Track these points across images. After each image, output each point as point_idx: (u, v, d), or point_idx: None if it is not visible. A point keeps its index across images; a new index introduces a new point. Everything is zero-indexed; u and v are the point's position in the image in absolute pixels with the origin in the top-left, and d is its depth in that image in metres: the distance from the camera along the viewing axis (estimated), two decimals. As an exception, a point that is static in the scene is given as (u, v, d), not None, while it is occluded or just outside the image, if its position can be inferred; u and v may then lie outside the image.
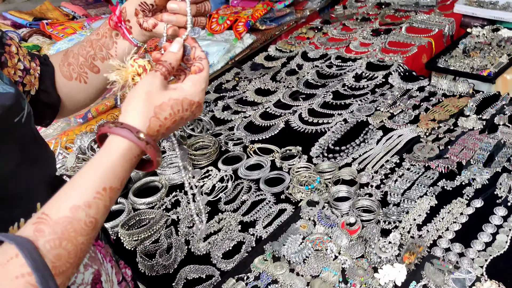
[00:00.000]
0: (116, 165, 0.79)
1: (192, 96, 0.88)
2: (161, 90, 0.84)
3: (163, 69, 0.86)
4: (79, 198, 0.76)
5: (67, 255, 0.72)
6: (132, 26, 1.09)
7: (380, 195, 1.71)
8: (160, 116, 0.83)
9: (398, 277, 1.36)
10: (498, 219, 1.51)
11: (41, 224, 0.72)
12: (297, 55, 2.87)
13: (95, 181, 0.77)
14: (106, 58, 1.12)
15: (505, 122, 1.96)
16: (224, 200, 1.83)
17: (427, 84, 2.34)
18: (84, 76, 1.13)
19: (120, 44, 1.11)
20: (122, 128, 0.79)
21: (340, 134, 2.10)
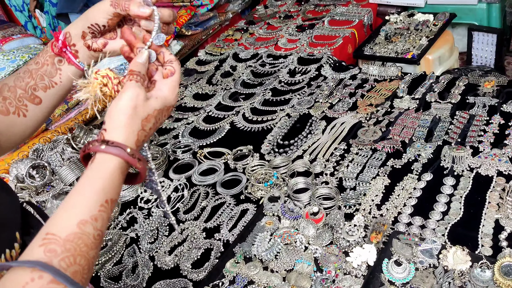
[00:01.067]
0: (114, 178, 0.79)
1: (170, 102, 0.89)
2: (145, 102, 0.84)
3: (141, 79, 0.86)
4: (85, 213, 0.75)
5: (82, 271, 0.72)
6: (78, 50, 1.02)
7: (336, 182, 1.76)
8: (146, 128, 0.85)
9: (370, 257, 1.41)
10: (449, 188, 1.61)
11: (50, 245, 0.70)
12: (229, 57, 2.87)
13: (98, 194, 0.77)
14: (49, 87, 1.04)
15: (436, 99, 2.09)
16: (183, 210, 1.78)
17: (358, 72, 2.44)
18: (23, 109, 1.03)
19: (64, 70, 1.04)
20: (114, 147, 0.79)
21: (286, 128, 2.13)
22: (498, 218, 1.46)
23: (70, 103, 2.44)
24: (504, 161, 1.66)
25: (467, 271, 1.30)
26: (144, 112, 0.84)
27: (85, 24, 1.00)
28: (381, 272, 1.36)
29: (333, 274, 1.39)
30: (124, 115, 0.81)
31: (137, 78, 0.85)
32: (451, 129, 1.88)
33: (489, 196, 1.54)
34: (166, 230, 1.71)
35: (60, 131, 2.30)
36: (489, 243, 1.39)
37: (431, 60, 2.49)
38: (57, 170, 1.90)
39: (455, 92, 2.10)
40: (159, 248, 1.63)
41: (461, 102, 2.04)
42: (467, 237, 1.43)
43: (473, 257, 1.33)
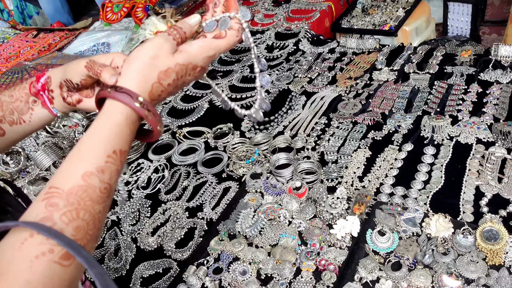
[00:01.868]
0: (122, 127, 0.73)
1: (196, 61, 0.81)
2: (169, 54, 0.78)
3: (177, 35, 0.80)
4: (91, 164, 0.70)
5: (86, 226, 0.67)
6: (55, 97, 0.98)
7: (317, 156, 1.75)
8: (164, 83, 0.78)
9: (353, 228, 1.41)
10: (429, 157, 1.62)
11: (52, 198, 0.65)
12: (205, 35, 2.81)
13: (105, 144, 0.72)
14: (16, 123, 0.99)
15: (414, 70, 2.09)
16: (164, 190, 1.76)
17: (336, 45, 2.42)
18: None
19: (37, 111, 0.99)
20: (121, 93, 0.73)
21: (265, 105, 2.10)
22: (479, 184, 1.48)
23: (43, 86, 2.36)
24: (482, 128, 1.67)
25: (450, 237, 1.32)
26: (164, 64, 0.77)
27: (62, 77, 0.97)
28: (365, 243, 1.36)
29: (317, 247, 1.39)
30: (141, 62, 0.76)
31: (176, 34, 0.79)
32: (430, 99, 1.89)
33: (469, 163, 1.56)
34: (148, 212, 1.68)
35: (33, 115, 2.23)
36: (470, 210, 1.41)
37: (408, 31, 2.48)
38: (32, 155, 1.85)
39: (433, 63, 2.10)
40: (142, 230, 1.61)
41: (439, 72, 2.05)
42: (449, 205, 1.44)
43: (455, 223, 1.34)
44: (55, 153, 1.86)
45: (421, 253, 1.30)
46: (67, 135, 1.94)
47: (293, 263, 1.37)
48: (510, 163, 1.52)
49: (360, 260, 1.31)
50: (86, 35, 3.03)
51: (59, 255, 0.62)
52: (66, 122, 2.02)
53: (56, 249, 0.62)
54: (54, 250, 0.62)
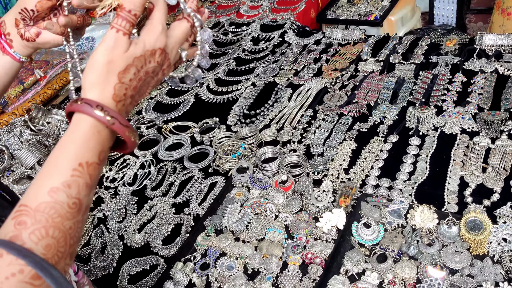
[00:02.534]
0: (88, 139, 0.71)
1: (151, 45, 0.76)
2: (123, 53, 0.74)
3: (127, 26, 0.73)
4: (57, 180, 0.67)
5: (56, 244, 0.66)
6: (13, 38, 0.97)
7: (303, 149, 1.75)
8: (125, 80, 0.74)
9: (339, 221, 1.41)
10: (414, 148, 1.62)
11: (21, 217, 0.64)
12: (190, 28, 2.78)
13: (69, 158, 0.69)
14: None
15: (400, 60, 2.09)
16: (151, 187, 1.75)
17: (322, 36, 2.41)
18: None
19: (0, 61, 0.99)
20: (82, 104, 0.71)
21: (252, 98, 2.09)
22: (463, 175, 1.49)
23: (26, 83, 2.34)
24: (467, 118, 1.68)
25: (434, 228, 1.33)
26: (121, 64, 0.73)
27: (16, 11, 0.95)
28: (351, 235, 1.37)
29: (304, 240, 1.40)
30: (96, 71, 0.72)
31: (120, 24, 0.73)
32: (415, 90, 1.89)
33: (454, 154, 1.57)
34: (134, 209, 1.67)
35: (17, 113, 2.20)
36: (455, 200, 1.42)
37: (393, 21, 2.48)
38: (16, 154, 1.83)
39: (418, 53, 2.10)
40: (128, 227, 1.60)
41: (424, 62, 2.05)
42: (434, 196, 1.45)
43: (439, 214, 1.35)
44: (40, 151, 1.84)
45: (406, 245, 1.31)
46: (51, 132, 1.92)
47: (279, 257, 1.37)
48: (494, 152, 1.53)
49: (346, 252, 1.32)
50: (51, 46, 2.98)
51: (29, 275, 0.61)
52: (50, 119, 2.00)
53: (26, 269, 0.61)
54: (24, 271, 0.61)
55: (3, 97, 2.24)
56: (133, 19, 0.74)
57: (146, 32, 0.77)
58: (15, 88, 2.29)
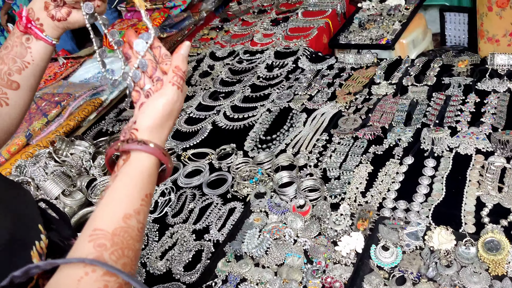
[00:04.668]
0: (151, 174, 0.84)
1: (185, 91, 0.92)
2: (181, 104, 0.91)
3: (181, 82, 0.89)
4: (129, 207, 0.79)
5: (130, 262, 0.76)
6: (43, 22, 1.05)
7: (320, 173, 1.78)
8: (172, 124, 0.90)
9: (358, 244, 1.43)
10: (430, 170, 1.64)
11: (99, 240, 0.73)
12: (206, 57, 2.87)
13: (139, 189, 0.81)
14: (23, 69, 1.05)
15: (412, 82, 2.12)
16: (171, 214, 1.79)
17: (334, 61, 2.46)
18: (3, 98, 1.05)
19: (34, 47, 1.06)
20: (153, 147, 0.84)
21: (267, 124, 2.14)
22: (479, 195, 1.49)
23: (50, 116, 2.43)
24: (481, 138, 1.69)
25: (452, 249, 1.33)
26: (177, 112, 0.90)
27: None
28: (370, 258, 1.38)
29: (323, 264, 1.42)
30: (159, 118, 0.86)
31: (178, 81, 0.88)
32: (429, 111, 1.91)
33: (469, 174, 1.58)
34: (156, 236, 1.71)
35: (41, 145, 2.28)
36: (472, 221, 1.43)
37: (405, 44, 2.52)
38: (41, 185, 1.89)
39: (430, 74, 2.13)
40: (150, 254, 1.64)
41: (437, 84, 2.08)
42: (451, 216, 1.46)
43: (457, 235, 1.36)
44: (64, 181, 1.90)
45: (425, 267, 1.32)
46: (75, 163, 1.98)
47: (299, 282, 1.39)
48: (509, 172, 1.53)
49: (365, 276, 1.33)
50: (90, 62, 3.10)
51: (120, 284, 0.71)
52: (73, 150, 2.07)
53: (110, 285, 0.70)
54: (108, 286, 0.69)
55: (28, 130, 2.32)
56: (184, 77, 0.91)
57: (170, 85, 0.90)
58: (39, 121, 2.38)
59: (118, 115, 2.55)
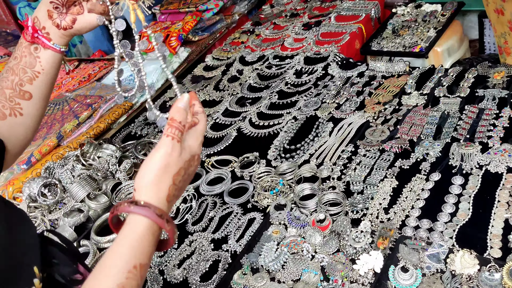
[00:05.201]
0: (143, 240, 0.77)
1: (195, 151, 0.88)
2: (178, 157, 0.83)
3: (179, 134, 0.84)
4: (112, 281, 0.73)
5: None
6: (49, 31, 1.05)
7: (343, 186, 1.74)
8: (177, 182, 0.83)
9: (376, 264, 1.39)
10: (457, 188, 1.57)
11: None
12: (235, 61, 2.87)
13: (126, 260, 0.75)
14: (34, 78, 1.07)
15: (445, 94, 2.04)
16: (191, 221, 1.80)
17: (365, 69, 2.40)
18: (17, 108, 1.07)
19: (43, 56, 1.07)
20: (141, 207, 0.77)
21: (292, 132, 2.11)
22: (508, 217, 1.42)
23: (81, 117, 2.48)
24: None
25: (475, 275, 1.27)
26: (176, 168, 0.82)
27: (46, 2, 1.02)
28: (388, 280, 1.34)
29: (340, 283, 1.38)
30: (153, 173, 0.80)
31: (174, 132, 0.82)
32: (460, 125, 1.84)
33: (499, 194, 1.50)
34: (175, 243, 1.72)
35: (72, 146, 2.34)
36: (498, 244, 1.36)
37: (439, 52, 2.43)
38: (68, 187, 1.94)
39: (464, 85, 2.05)
40: (168, 262, 1.65)
41: (470, 96, 1.99)
42: (476, 239, 1.39)
43: (481, 260, 1.30)
44: (90, 184, 1.94)
45: (445, 292, 1.26)
46: (101, 167, 2.02)
47: (314, 300, 1.37)
48: (543, 194, 1.45)
49: (382, 298, 1.29)
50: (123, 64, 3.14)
51: None
52: (101, 153, 2.10)
53: None
54: None
55: (59, 131, 2.38)
56: (182, 128, 0.84)
57: (193, 140, 0.87)
58: (71, 123, 2.44)
59: (147, 118, 2.58)
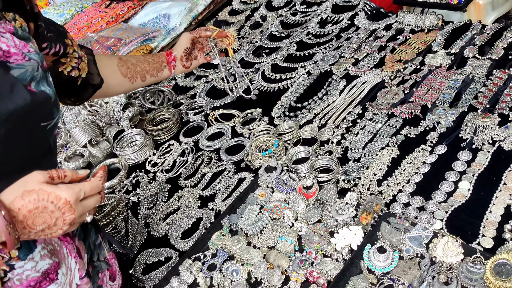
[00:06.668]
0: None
1: (61, 192, 0.88)
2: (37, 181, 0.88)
3: (55, 173, 0.91)
4: None
5: None
6: (176, 65, 1.66)
7: (340, 152, 1.63)
8: (25, 199, 0.85)
9: (354, 240, 1.30)
10: (462, 164, 1.42)
11: None
12: (262, 6, 2.70)
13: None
14: (153, 76, 1.62)
15: (474, 54, 1.82)
16: (185, 176, 1.77)
17: (394, 21, 2.18)
18: (134, 79, 1.57)
19: (164, 72, 1.64)
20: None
21: (302, 89, 1.99)
22: (510, 204, 1.27)
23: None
24: (534, 134, 1.42)
25: (457, 265, 1.16)
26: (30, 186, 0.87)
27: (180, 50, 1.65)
28: (361, 259, 1.25)
29: (313, 256, 1.31)
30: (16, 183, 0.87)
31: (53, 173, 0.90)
32: (482, 92, 1.64)
33: (506, 176, 1.34)
34: (165, 197, 1.71)
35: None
36: (492, 233, 1.22)
37: (481, 5, 2.14)
38: (71, 131, 1.96)
39: (498, 46, 1.81)
40: (155, 215, 1.64)
41: (503, 59, 1.76)
42: (469, 224, 1.27)
43: (466, 249, 1.18)
44: (92, 130, 1.95)
45: (419, 279, 1.17)
46: (105, 113, 2.01)
47: (284, 270, 1.31)
48: (556, 180, 1.28)
49: (351, 277, 1.22)
50: (151, 5, 3.07)
51: None
52: (108, 99, 2.09)
53: None
54: None
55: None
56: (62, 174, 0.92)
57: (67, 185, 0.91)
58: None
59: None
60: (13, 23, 0.99)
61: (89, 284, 1.15)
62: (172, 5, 2.91)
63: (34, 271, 0.99)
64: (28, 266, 0.98)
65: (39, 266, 1.00)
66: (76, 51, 1.31)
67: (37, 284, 1.00)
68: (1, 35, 0.93)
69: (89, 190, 0.94)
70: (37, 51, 0.99)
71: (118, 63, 1.54)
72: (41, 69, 0.97)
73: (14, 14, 1.01)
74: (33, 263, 0.99)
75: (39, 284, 1.01)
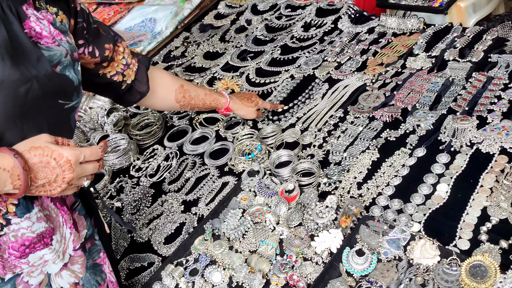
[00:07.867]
0: None
1: (63, 151, 0.96)
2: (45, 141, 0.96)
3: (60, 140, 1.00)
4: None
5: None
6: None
7: (322, 155, 1.64)
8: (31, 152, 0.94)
9: (334, 243, 1.31)
10: (440, 167, 1.43)
11: None
12: (247, 9, 2.72)
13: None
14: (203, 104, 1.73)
15: (455, 57, 1.84)
16: (168, 180, 1.77)
17: (377, 24, 2.20)
18: (185, 107, 1.68)
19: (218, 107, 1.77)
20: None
21: (285, 92, 2.00)
22: (487, 205, 1.29)
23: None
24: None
25: (434, 267, 1.18)
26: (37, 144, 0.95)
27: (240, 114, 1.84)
28: (340, 262, 1.26)
29: (293, 259, 1.33)
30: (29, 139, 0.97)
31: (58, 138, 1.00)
32: (461, 95, 1.66)
33: (483, 178, 1.36)
34: (148, 202, 1.71)
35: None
36: (468, 235, 1.24)
37: (463, 7, 2.16)
38: (55, 138, 1.95)
39: (478, 49, 1.83)
40: (139, 220, 1.65)
41: (483, 61, 1.78)
42: (446, 226, 1.28)
43: (443, 251, 1.19)
44: (76, 135, 1.95)
45: (396, 281, 1.18)
46: (89, 119, 2.01)
47: (265, 274, 1.32)
48: (531, 182, 1.30)
49: (330, 281, 1.23)
50: (137, 9, 3.07)
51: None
52: (93, 104, 2.09)
53: None
54: None
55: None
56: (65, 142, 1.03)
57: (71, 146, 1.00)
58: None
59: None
60: (54, 16, 1.09)
61: (83, 257, 1.18)
62: (158, 9, 2.92)
63: (30, 231, 1.04)
64: (24, 224, 1.03)
65: (35, 227, 1.05)
66: (125, 58, 1.43)
67: (31, 245, 1.05)
68: (39, 20, 1.03)
69: (89, 154, 1.02)
70: (69, 42, 1.09)
71: (178, 89, 1.63)
72: (69, 57, 1.06)
73: (58, 10, 1.12)
74: (29, 222, 1.04)
75: (33, 245, 1.05)
